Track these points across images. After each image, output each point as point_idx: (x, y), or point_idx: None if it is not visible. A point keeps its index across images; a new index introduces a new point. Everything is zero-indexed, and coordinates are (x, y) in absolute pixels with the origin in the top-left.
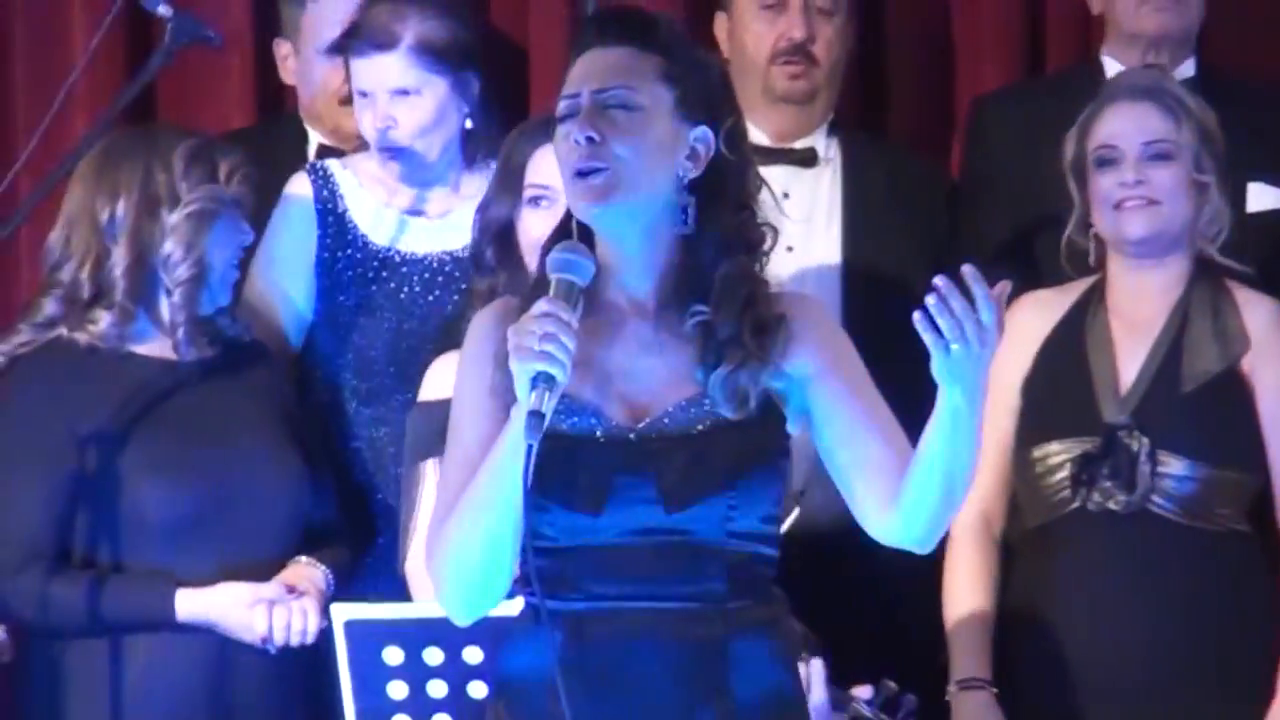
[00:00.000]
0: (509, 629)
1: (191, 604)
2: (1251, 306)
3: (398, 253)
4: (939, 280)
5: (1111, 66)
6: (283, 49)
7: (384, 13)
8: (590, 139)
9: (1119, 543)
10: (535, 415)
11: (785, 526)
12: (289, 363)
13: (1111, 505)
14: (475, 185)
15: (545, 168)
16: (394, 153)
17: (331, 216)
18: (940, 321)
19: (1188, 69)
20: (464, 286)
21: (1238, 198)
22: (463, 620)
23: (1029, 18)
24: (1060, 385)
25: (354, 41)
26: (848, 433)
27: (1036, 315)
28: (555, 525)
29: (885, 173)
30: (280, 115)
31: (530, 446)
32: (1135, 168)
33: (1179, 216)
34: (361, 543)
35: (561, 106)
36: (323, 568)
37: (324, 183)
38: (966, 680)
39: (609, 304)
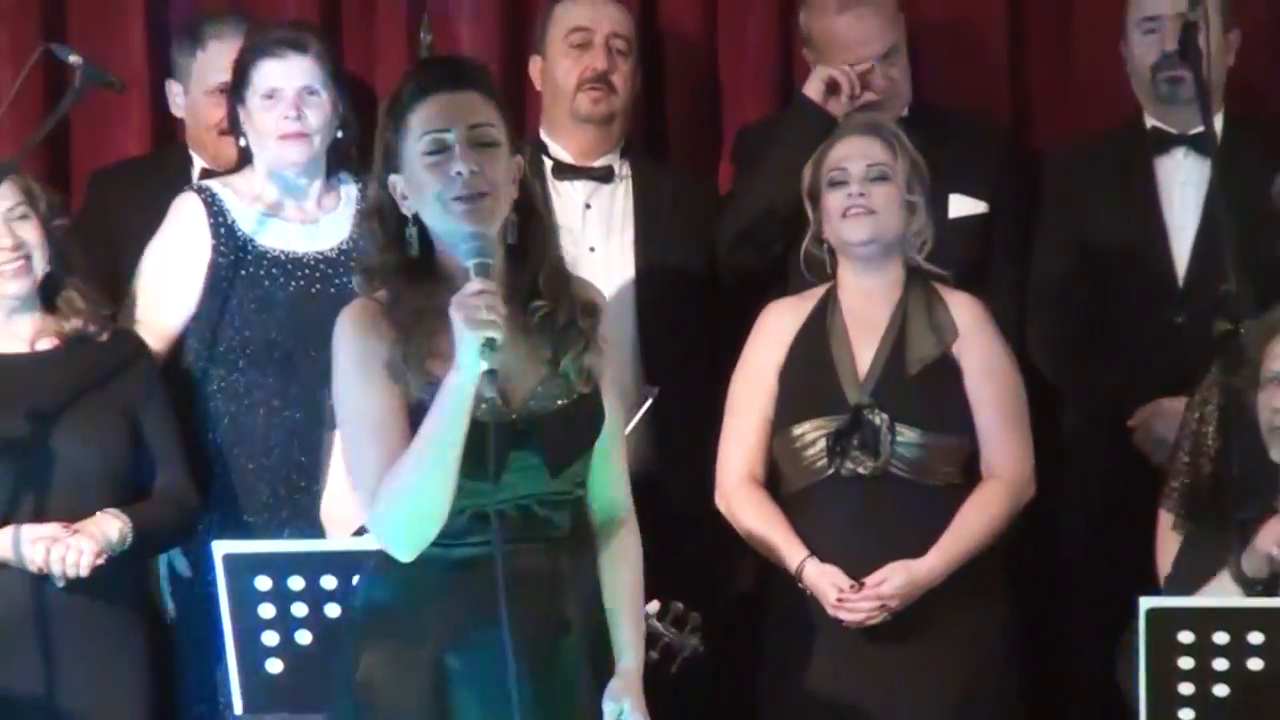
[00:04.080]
0: (366, 563)
1: None
2: (957, 302)
3: (283, 253)
4: None
5: None
6: (174, 89)
7: (288, 26)
8: (473, 171)
9: (867, 500)
10: (491, 372)
11: (633, 423)
12: (151, 357)
13: (860, 470)
14: (332, 198)
15: None
16: (298, 138)
17: (223, 228)
18: None
19: (903, 110)
20: (337, 281)
21: (941, 206)
22: (407, 555)
23: (782, 61)
24: (810, 374)
25: (269, 43)
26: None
27: (784, 317)
28: (457, 491)
29: (668, 189)
30: (170, 144)
31: (492, 399)
32: (860, 184)
33: (892, 226)
34: (198, 506)
35: (429, 141)
36: (123, 519)
37: (211, 199)
38: (801, 561)
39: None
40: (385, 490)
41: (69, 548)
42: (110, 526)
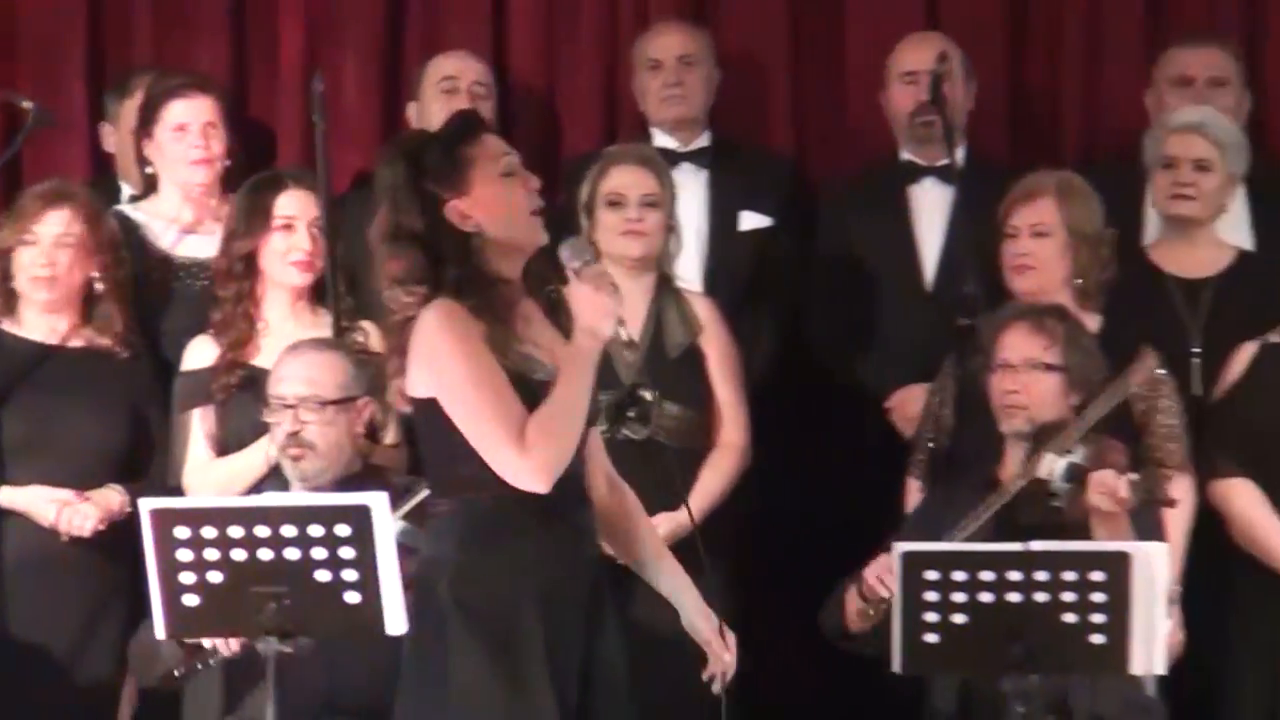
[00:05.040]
0: (433, 514)
1: (7, 497)
2: (697, 303)
3: (189, 259)
4: None
5: (657, 136)
6: (105, 129)
7: (188, 75)
8: None
9: (637, 461)
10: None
11: (401, 512)
12: (160, 368)
13: (633, 436)
14: (224, 210)
15: (288, 204)
16: (205, 164)
17: (137, 243)
18: None
19: (704, 140)
20: None
21: (733, 221)
22: (548, 485)
23: (608, 104)
24: None
25: (177, 87)
26: None
27: None
28: None
29: None
30: (103, 175)
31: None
32: (636, 210)
33: (655, 244)
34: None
35: (506, 163)
36: (123, 493)
37: (124, 220)
38: None
39: (517, 299)
40: (543, 434)
41: (77, 511)
42: (112, 498)
